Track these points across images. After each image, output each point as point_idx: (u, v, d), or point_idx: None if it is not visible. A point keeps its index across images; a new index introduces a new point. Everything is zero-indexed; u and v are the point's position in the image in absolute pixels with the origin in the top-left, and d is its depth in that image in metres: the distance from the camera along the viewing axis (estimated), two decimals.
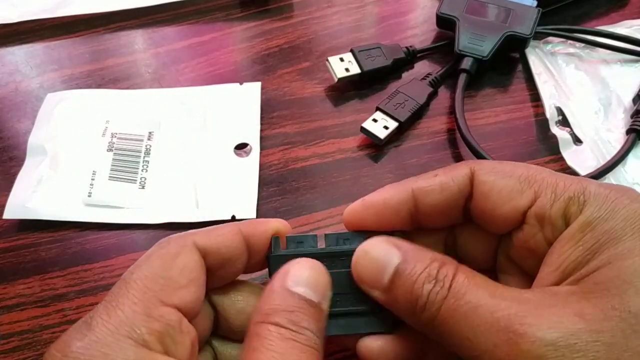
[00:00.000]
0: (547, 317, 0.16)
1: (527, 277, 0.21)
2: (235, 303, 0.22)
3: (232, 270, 0.22)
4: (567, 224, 0.19)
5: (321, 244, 0.22)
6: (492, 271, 0.23)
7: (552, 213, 0.19)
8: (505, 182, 0.20)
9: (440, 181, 0.21)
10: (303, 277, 0.19)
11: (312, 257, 0.21)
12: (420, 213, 0.22)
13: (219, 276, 0.21)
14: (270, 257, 0.22)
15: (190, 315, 0.19)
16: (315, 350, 0.18)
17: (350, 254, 0.21)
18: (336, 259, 0.21)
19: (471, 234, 0.23)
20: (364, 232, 0.22)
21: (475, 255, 0.23)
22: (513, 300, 0.17)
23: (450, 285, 0.18)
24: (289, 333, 0.18)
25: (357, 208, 0.22)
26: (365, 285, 0.20)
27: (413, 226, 0.22)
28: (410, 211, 0.22)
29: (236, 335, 0.22)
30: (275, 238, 0.22)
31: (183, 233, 0.21)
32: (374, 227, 0.22)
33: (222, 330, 0.22)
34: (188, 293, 0.19)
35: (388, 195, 0.22)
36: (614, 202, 0.18)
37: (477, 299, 0.17)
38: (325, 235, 0.22)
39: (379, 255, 0.20)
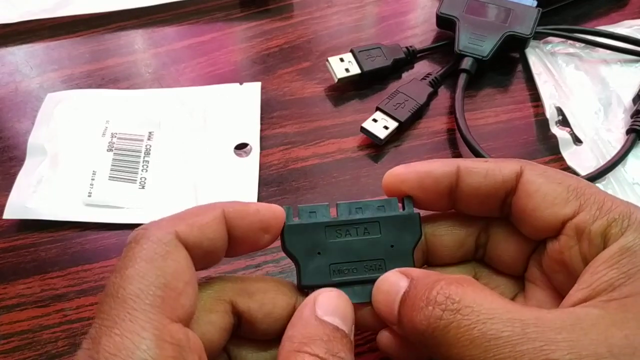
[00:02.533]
0: (564, 341, 0.16)
1: (555, 293, 0.21)
2: (262, 307, 0.21)
3: (213, 259, 0.20)
4: (605, 243, 0.19)
5: (333, 214, 0.22)
6: (520, 278, 0.23)
7: (592, 229, 0.19)
8: (553, 187, 0.20)
9: (488, 166, 0.21)
10: (332, 306, 0.19)
11: (326, 226, 0.21)
12: (460, 192, 0.22)
13: (200, 266, 0.19)
14: (285, 227, 0.21)
15: (188, 321, 0.18)
16: None
17: (364, 222, 0.22)
18: (350, 227, 0.22)
19: (505, 236, 0.23)
20: (381, 201, 0.22)
21: (505, 259, 0.23)
22: (534, 320, 0.16)
23: (458, 308, 0.17)
24: None
25: (400, 170, 0.22)
26: (382, 319, 0.20)
27: (449, 205, 0.22)
28: (451, 186, 0.21)
29: (258, 336, 0.21)
30: (287, 208, 0.21)
31: (159, 221, 0.19)
32: (413, 192, 0.22)
33: (243, 332, 0.21)
34: (187, 299, 0.17)
35: (434, 164, 0.22)
36: None
37: (491, 320, 0.17)
38: (337, 204, 0.22)
39: (388, 287, 0.20)
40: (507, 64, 0.39)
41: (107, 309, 0.16)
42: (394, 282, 0.20)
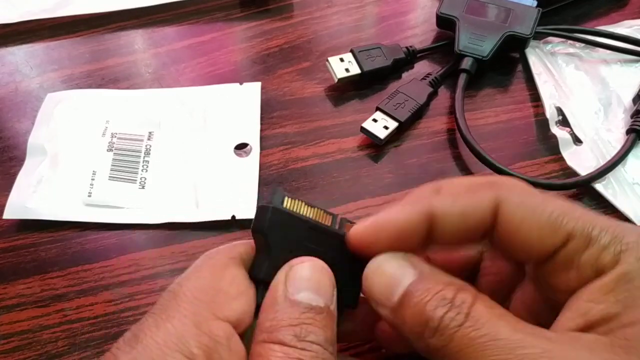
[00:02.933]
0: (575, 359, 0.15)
1: (548, 308, 0.20)
2: None
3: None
4: (597, 273, 0.18)
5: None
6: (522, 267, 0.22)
7: (582, 260, 0.18)
8: (536, 219, 0.18)
9: (461, 208, 0.19)
10: (304, 281, 0.18)
11: (309, 226, 0.20)
12: (437, 236, 0.20)
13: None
14: (271, 208, 0.19)
15: (240, 328, 0.18)
16: None
17: (340, 236, 0.20)
18: (329, 237, 0.20)
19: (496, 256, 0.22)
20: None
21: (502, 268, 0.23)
22: (538, 338, 0.16)
23: (469, 313, 0.17)
24: (295, 352, 0.17)
25: (366, 231, 0.20)
26: (373, 301, 0.19)
27: (425, 247, 0.21)
28: (427, 234, 0.20)
29: None
30: (275, 188, 0.20)
31: (232, 244, 0.20)
32: (385, 250, 0.20)
33: None
34: (239, 305, 0.18)
35: (402, 217, 0.20)
36: None
37: (498, 331, 0.16)
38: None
39: (392, 272, 0.19)
40: (507, 64, 0.39)
41: (161, 301, 0.18)
42: (398, 267, 0.19)
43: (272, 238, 0.19)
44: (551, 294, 0.20)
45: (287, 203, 0.20)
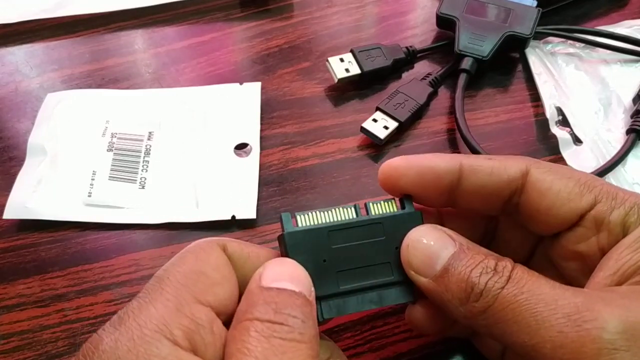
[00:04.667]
0: (617, 307, 0.16)
1: (562, 281, 0.21)
2: None
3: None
4: (625, 232, 0.19)
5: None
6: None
7: (611, 219, 0.19)
8: (564, 183, 0.20)
9: (492, 164, 0.21)
10: (276, 273, 0.18)
11: (329, 231, 0.20)
12: (462, 190, 0.21)
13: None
14: (285, 234, 0.20)
15: (223, 315, 0.18)
16: (302, 342, 0.17)
17: (366, 224, 0.21)
18: (353, 230, 0.21)
19: (512, 225, 0.23)
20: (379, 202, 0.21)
21: (512, 247, 0.23)
22: (577, 292, 0.17)
23: (510, 276, 0.18)
24: (268, 328, 0.17)
25: (398, 163, 0.21)
26: (413, 272, 0.20)
27: (448, 203, 0.22)
28: (452, 184, 0.21)
29: None
30: (285, 215, 0.20)
31: (217, 238, 0.20)
32: (412, 188, 0.21)
33: None
34: (222, 290, 0.19)
35: (435, 160, 0.21)
36: None
37: (539, 288, 0.17)
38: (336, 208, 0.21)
39: (433, 242, 0.20)
40: (507, 64, 0.39)
41: (147, 286, 0.18)
42: (439, 238, 0.20)
43: (299, 259, 0.20)
44: (570, 268, 0.21)
45: (299, 221, 0.21)
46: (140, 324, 0.17)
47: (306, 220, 0.21)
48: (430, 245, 0.20)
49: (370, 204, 0.21)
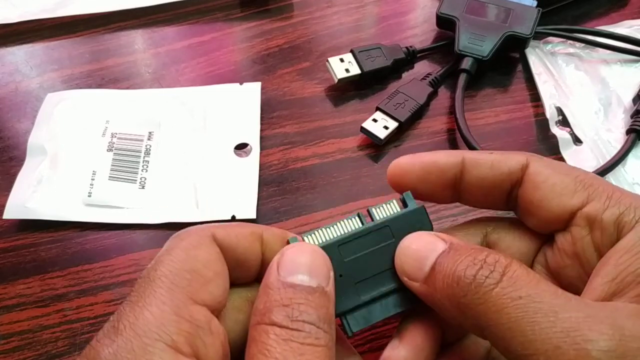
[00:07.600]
0: (619, 328, 0.15)
1: (562, 288, 0.21)
2: None
3: (245, 274, 0.21)
4: (619, 232, 0.18)
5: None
6: None
7: (604, 217, 0.19)
8: (560, 177, 0.20)
9: (493, 158, 0.21)
10: (295, 264, 0.18)
11: (339, 245, 0.20)
12: (465, 184, 0.21)
13: (232, 277, 0.20)
14: None
15: (218, 311, 0.18)
16: (319, 346, 0.17)
17: (373, 230, 0.21)
18: (362, 239, 0.21)
19: (510, 234, 0.22)
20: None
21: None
22: (580, 303, 0.16)
23: (504, 272, 0.17)
24: (286, 333, 0.17)
25: (404, 160, 0.22)
26: (406, 278, 0.20)
27: (452, 198, 0.22)
28: (456, 177, 0.21)
29: None
30: (293, 238, 0.21)
31: (203, 225, 0.20)
32: (417, 183, 0.22)
33: None
34: (216, 287, 0.18)
35: (439, 154, 0.22)
36: None
37: (539, 294, 0.16)
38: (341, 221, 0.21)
39: (422, 245, 0.19)
40: (507, 64, 0.39)
41: (137, 287, 0.17)
42: (428, 241, 0.19)
43: None
44: (567, 275, 0.20)
45: (307, 242, 0.20)
46: (139, 333, 0.16)
47: (314, 239, 0.20)
48: (419, 250, 0.19)
49: (373, 209, 0.21)
